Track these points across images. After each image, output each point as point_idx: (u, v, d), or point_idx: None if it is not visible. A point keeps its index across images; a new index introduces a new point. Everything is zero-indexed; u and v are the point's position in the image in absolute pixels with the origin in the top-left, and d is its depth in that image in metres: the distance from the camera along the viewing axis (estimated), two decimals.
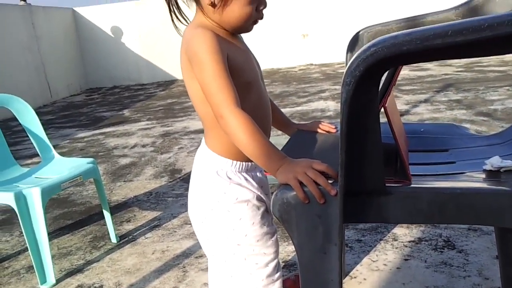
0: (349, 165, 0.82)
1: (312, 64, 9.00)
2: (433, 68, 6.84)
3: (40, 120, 2.29)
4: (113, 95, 8.00)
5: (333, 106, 4.90)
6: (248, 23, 1.02)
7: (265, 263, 1.10)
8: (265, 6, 1.02)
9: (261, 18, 1.03)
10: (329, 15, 8.91)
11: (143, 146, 4.10)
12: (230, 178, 1.06)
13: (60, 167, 2.17)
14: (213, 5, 0.98)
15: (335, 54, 8.84)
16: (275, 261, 1.12)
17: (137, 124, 5.14)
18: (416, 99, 4.74)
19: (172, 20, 1.06)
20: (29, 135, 2.27)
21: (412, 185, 0.89)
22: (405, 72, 6.60)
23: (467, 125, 3.39)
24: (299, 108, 4.92)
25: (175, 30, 1.06)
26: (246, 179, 1.07)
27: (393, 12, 8.71)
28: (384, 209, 0.88)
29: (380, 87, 0.84)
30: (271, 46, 8.83)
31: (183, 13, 1.06)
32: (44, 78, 7.71)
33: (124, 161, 3.68)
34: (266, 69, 8.53)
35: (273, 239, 1.11)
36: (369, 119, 0.81)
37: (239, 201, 1.06)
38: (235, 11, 0.98)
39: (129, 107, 6.44)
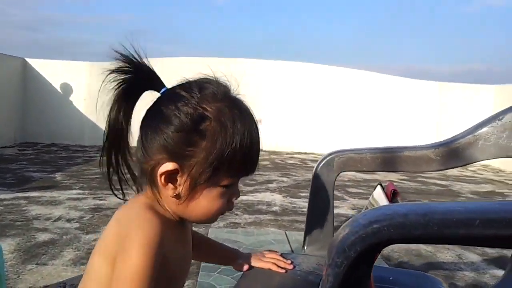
0: None
1: (262, 150, 8.88)
2: (379, 173, 6.97)
3: None
4: (48, 153, 7.48)
5: (279, 200, 4.74)
6: (215, 217, 0.83)
7: None
8: (237, 197, 0.84)
9: (231, 209, 0.84)
10: (284, 102, 9.10)
11: (68, 220, 3.68)
12: None
13: None
14: (177, 196, 0.79)
15: (285, 143, 8.93)
16: None
17: (67, 191, 4.71)
18: (362, 204, 4.69)
19: (111, 189, 0.88)
20: None
21: None
22: (352, 173, 6.66)
23: (413, 247, 3.30)
24: (244, 198, 4.72)
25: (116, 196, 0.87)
26: None
27: (346, 114, 9.06)
28: None
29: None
30: None
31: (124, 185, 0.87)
32: None
33: (42, 236, 3.25)
34: None
35: None
36: None
37: None
38: (203, 205, 0.80)
39: (63, 170, 5.98)
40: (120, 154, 0.85)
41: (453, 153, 1.24)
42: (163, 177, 0.77)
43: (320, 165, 1.33)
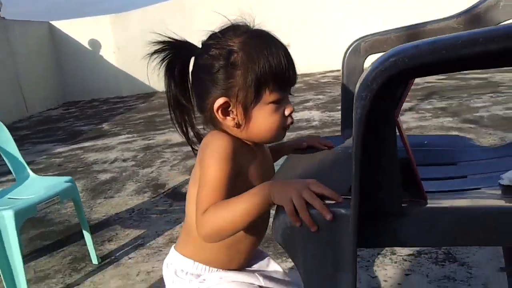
0: (363, 185, 0.74)
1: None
2: None
3: (16, 135, 2.16)
4: (91, 109, 7.81)
5: (318, 115, 4.84)
6: (278, 132, 0.94)
7: None
8: (292, 110, 0.94)
9: (292, 122, 0.96)
10: (310, 25, 8.92)
11: (124, 160, 3.96)
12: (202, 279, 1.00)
13: (36, 187, 2.04)
14: (238, 125, 0.92)
15: (316, 64, 8.84)
16: None
17: (117, 137, 4.99)
18: (402, 107, 4.71)
19: (191, 147, 1.02)
20: (1, 153, 2.13)
21: (429, 205, 0.81)
22: None
23: (455, 133, 3.36)
24: None
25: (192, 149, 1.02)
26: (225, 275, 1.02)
27: (377, 22, 8.79)
28: (400, 232, 0.79)
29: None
30: None
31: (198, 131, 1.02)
32: (19, 92, 7.49)
33: (104, 176, 3.54)
34: None
35: None
36: (386, 135, 0.72)
37: (225, 282, 0.99)
38: (262, 125, 0.92)
39: (108, 121, 6.28)
40: (184, 115, 1.00)
41: (475, 18, 1.28)
42: (219, 111, 0.91)
43: (348, 52, 1.40)
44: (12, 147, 2.11)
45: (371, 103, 0.67)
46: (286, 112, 0.94)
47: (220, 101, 0.90)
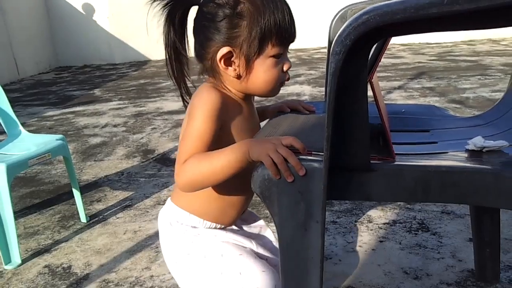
0: (335, 140, 0.80)
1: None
2: (407, 56, 6.91)
3: (6, 97, 2.18)
4: (83, 74, 7.77)
5: (309, 90, 4.88)
6: (275, 86, 0.98)
7: None
8: (289, 66, 0.97)
9: (288, 79, 1.00)
10: (305, 0, 8.86)
11: (115, 126, 4.00)
12: (196, 233, 1.04)
13: (28, 144, 2.08)
14: (238, 76, 0.94)
15: (310, 39, 8.81)
16: None
17: (108, 103, 5.01)
18: (390, 85, 4.78)
19: (182, 98, 1.04)
20: None
21: (396, 163, 0.87)
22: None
23: None
24: None
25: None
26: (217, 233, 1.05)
27: None
28: (367, 186, 0.86)
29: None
30: None
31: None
32: (11, 54, 7.41)
33: (94, 140, 3.58)
34: None
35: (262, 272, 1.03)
36: (357, 92, 0.78)
37: (219, 241, 1.04)
38: (261, 77, 0.94)
39: (100, 87, 6.27)
40: (180, 66, 1.01)
41: None
42: (222, 61, 0.93)
43: (335, 19, 1.44)
44: (4, 104, 2.14)
45: (345, 58, 0.72)
46: (285, 68, 0.97)
47: (224, 50, 0.92)
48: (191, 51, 1.02)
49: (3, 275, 1.78)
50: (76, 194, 2.17)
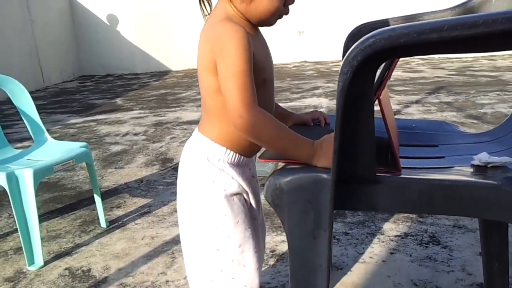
0: (342, 152, 0.85)
1: (306, 61, 9.03)
2: (426, 71, 6.90)
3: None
4: (106, 83, 7.96)
5: (326, 103, 4.93)
6: (274, 17, 1.02)
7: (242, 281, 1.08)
8: (292, 2, 1.02)
9: (287, 13, 1.04)
10: (325, 13, 8.93)
11: (135, 134, 4.10)
12: (221, 168, 1.05)
13: (53, 150, 2.18)
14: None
15: (329, 52, 8.87)
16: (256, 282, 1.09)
17: (129, 112, 5.13)
18: (408, 99, 4.79)
19: (200, 5, 1.07)
20: (22, 116, 2.27)
21: (402, 176, 0.92)
22: (398, 73, 6.66)
23: None
24: (292, 104, 4.95)
25: (202, 17, 1.07)
26: (237, 173, 1.06)
27: (390, 12, 8.70)
28: (373, 198, 0.91)
29: (375, 79, 0.86)
30: (267, 42, 8.82)
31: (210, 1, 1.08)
32: (37, 62, 7.65)
33: (115, 148, 3.68)
34: None
35: (255, 252, 1.09)
36: (364, 108, 0.83)
37: (227, 194, 1.04)
38: (263, 4, 0.98)
39: (122, 96, 6.42)
40: None
41: (469, 11, 1.36)
42: None
43: (349, 37, 1.50)
44: (32, 112, 2.24)
45: (352, 77, 0.78)
46: (288, 2, 1.02)
47: None
48: None
49: (26, 275, 1.86)
50: (97, 200, 2.25)
